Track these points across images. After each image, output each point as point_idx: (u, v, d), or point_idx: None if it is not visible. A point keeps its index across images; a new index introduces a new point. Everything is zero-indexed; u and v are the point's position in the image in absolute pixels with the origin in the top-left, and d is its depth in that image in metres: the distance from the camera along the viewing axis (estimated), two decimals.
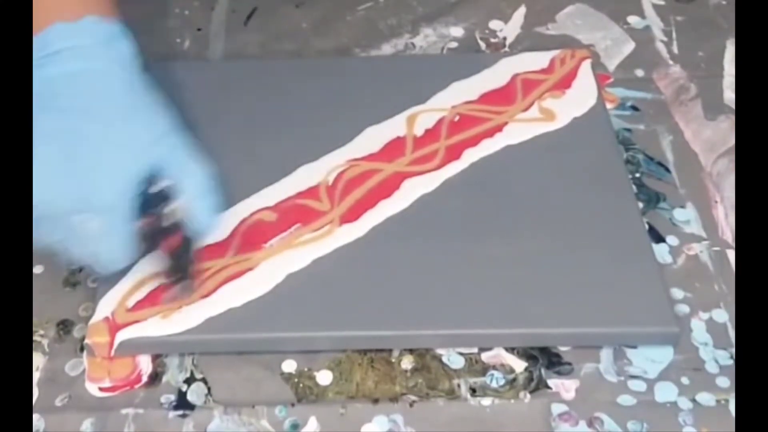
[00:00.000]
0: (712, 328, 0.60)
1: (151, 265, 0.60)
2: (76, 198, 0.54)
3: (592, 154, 0.68)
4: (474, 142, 0.69)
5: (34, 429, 0.56)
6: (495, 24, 0.82)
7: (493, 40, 0.80)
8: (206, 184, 0.58)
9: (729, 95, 0.75)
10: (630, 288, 0.60)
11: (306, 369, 0.59)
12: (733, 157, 0.70)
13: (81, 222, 0.55)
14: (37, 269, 0.63)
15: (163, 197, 0.57)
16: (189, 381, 0.59)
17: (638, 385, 0.58)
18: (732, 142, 0.71)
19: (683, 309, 0.61)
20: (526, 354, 0.59)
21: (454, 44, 0.80)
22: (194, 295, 0.59)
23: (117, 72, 0.57)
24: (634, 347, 0.59)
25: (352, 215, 0.64)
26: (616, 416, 0.56)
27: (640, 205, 0.66)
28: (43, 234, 0.55)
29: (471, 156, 0.68)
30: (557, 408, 0.57)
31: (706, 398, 0.57)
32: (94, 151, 0.55)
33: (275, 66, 0.76)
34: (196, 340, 0.59)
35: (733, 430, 0.54)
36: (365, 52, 0.79)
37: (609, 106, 0.73)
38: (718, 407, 0.57)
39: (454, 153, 0.68)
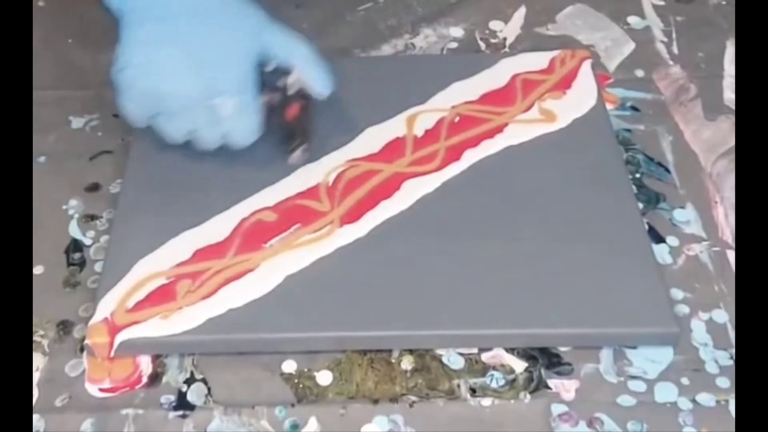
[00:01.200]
0: (712, 329, 0.60)
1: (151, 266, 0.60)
2: (208, 86, 0.62)
3: (592, 154, 0.68)
4: (474, 142, 0.69)
5: (34, 429, 0.56)
6: (495, 24, 0.82)
7: (493, 40, 0.80)
8: (313, 55, 0.66)
9: (729, 95, 0.75)
10: (630, 288, 0.60)
11: (306, 369, 0.59)
12: (733, 157, 0.70)
13: (218, 105, 0.62)
14: (37, 269, 0.63)
15: (280, 73, 0.65)
16: (189, 381, 0.58)
17: (638, 386, 0.58)
18: (732, 142, 0.71)
19: (683, 309, 0.61)
20: (526, 354, 0.59)
21: (454, 44, 0.80)
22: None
23: None
24: (634, 347, 0.59)
25: (352, 216, 0.64)
26: (616, 416, 0.56)
27: (640, 205, 0.66)
28: (180, 125, 0.64)
29: (471, 157, 0.68)
30: (557, 408, 0.57)
31: (706, 398, 0.57)
32: (213, 44, 0.62)
33: None
34: (196, 340, 0.59)
35: (733, 430, 0.54)
36: (365, 52, 0.79)
37: (609, 106, 0.73)
38: (718, 407, 0.57)
39: (454, 154, 0.68)
